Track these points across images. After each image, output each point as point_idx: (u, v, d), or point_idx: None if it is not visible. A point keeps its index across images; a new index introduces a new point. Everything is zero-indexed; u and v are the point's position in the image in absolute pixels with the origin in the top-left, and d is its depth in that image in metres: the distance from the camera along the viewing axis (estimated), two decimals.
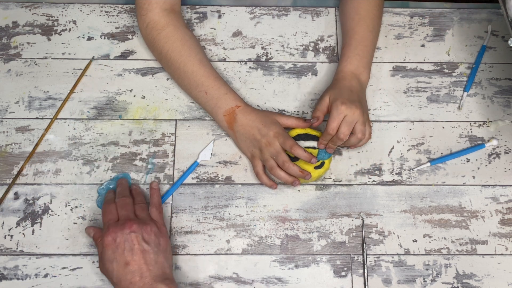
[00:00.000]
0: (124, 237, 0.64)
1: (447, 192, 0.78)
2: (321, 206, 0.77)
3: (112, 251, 0.64)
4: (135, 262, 0.63)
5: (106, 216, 0.68)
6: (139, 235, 0.65)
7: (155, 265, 0.64)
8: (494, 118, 0.82)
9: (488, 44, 0.87)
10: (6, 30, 0.85)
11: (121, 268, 0.63)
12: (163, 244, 0.67)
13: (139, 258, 0.63)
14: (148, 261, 0.64)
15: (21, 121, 0.80)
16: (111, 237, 0.64)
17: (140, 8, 0.78)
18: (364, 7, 0.80)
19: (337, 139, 0.72)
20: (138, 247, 0.64)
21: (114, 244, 0.64)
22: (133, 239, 0.64)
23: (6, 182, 0.76)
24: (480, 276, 0.73)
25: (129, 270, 0.63)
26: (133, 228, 0.65)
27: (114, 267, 0.63)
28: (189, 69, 0.77)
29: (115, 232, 0.65)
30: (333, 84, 0.77)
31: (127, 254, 0.63)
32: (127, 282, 0.62)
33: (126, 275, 0.63)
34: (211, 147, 0.79)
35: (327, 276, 0.73)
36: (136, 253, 0.63)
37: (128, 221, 0.66)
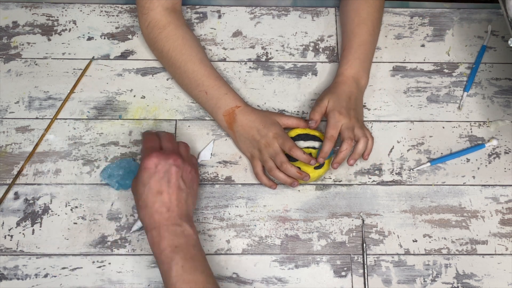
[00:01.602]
0: (166, 167, 0.64)
1: (447, 192, 0.78)
2: (321, 206, 0.77)
3: (149, 175, 0.64)
4: (168, 195, 0.63)
5: (148, 143, 0.67)
6: (180, 171, 0.65)
7: (184, 203, 0.65)
8: (494, 118, 0.82)
9: (488, 44, 0.87)
10: (6, 30, 0.85)
11: (152, 195, 0.63)
12: (195, 189, 0.68)
13: (172, 192, 0.64)
14: (180, 198, 0.64)
15: (21, 121, 0.80)
16: (153, 162, 0.64)
17: (142, 7, 0.78)
18: (365, 9, 0.80)
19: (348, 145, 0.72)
20: (175, 181, 0.64)
21: (154, 169, 0.64)
22: (174, 172, 0.64)
23: (6, 182, 0.76)
24: (480, 276, 0.73)
25: (159, 199, 0.63)
26: (177, 162, 0.65)
27: (145, 191, 0.63)
28: (189, 69, 0.77)
29: (159, 158, 0.64)
30: (333, 88, 0.77)
31: (163, 183, 0.63)
32: (153, 209, 0.63)
33: (154, 203, 0.63)
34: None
35: (327, 276, 0.73)
36: (171, 186, 0.64)
37: (173, 153, 0.66)
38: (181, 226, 0.63)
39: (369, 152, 0.75)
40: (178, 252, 0.61)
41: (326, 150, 0.72)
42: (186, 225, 0.63)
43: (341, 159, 0.73)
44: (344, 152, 0.73)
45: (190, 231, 0.63)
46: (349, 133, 0.73)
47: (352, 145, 0.73)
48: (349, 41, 0.79)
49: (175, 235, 0.62)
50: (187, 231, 0.63)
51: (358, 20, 0.80)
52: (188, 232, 0.63)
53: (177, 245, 0.62)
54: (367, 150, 0.74)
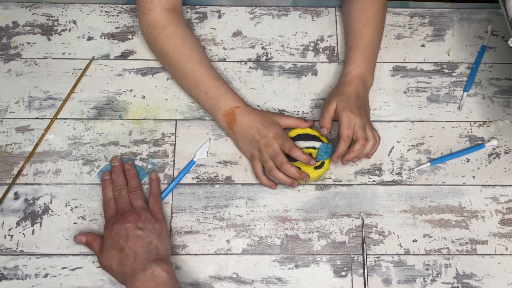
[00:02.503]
0: (120, 227, 0.68)
1: (447, 192, 0.78)
2: (321, 206, 0.77)
3: (110, 241, 0.68)
4: (129, 247, 0.66)
5: (106, 213, 0.72)
6: (133, 224, 0.68)
7: (148, 247, 0.67)
8: (494, 118, 0.82)
9: (488, 44, 0.87)
10: (6, 30, 0.85)
11: (117, 254, 0.66)
12: (158, 228, 0.70)
13: (133, 243, 0.66)
14: (142, 244, 0.67)
15: (21, 121, 0.80)
16: (109, 230, 0.69)
17: (142, 7, 0.78)
18: (371, 9, 0.80)
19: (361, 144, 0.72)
20: (131, 234, 0.67)
21: (111, 234, 0.68)
22: (128, 227, 0.68)
23: (6, 182, 0.76)
24: (480, 276, 0.73)
25: (124, 255, 0.66)
26: (128, 219, 0.69)
27: (112, 254, 0.67)
28: (189, 69, 0.77)
29: (112, 225, 0.69)
30: (340, 88, 0.77)
31: (122, 241, 0.67)
32: (123, 266, 0.65)
33: (122, 260, 0.66)
34: (207, 145, 0.79)
35: (327, 276, 0.73)
36: (130, 239, 0.67)
37: (124, 213, 0.70)
38: (149, 269, 0.64)
39: (374, 152, 0.76)
40: None
41: (341, 151, 0.73)
42: (153, 266, 0.64)
43: (352, 157, 0.73)
44: (356, 152, 0.73)
45: (158, 270, 0.64)
46: (363, 133, 0.73)
47: (365, 146, 0.73)
48: (356, 40, 0.79)
49: (144, 281, 0.63)
50: (155, 271, 0.64)
51: (365, 19, 0.79)
52: (156, 272, 0.64)
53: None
54: (372, 150, 0.75)
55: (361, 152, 0.74)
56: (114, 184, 0.75)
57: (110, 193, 0.74)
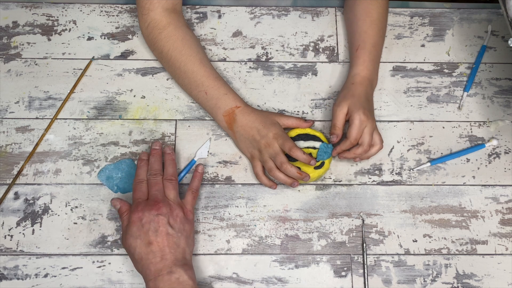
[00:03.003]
0: (151, 218, 0.65)
1: (447, 192, 0.78)
2: (321, 206, 0.77)
3: (137, 228, 0.65)
4: (158, 244, 0.64)
5: (136, 194, 0.69)
6: (165, 218, 0.66)
7: (177, 248, 0.65)
8: (494, 118, 0.82)
9: (488, 44, 0.87)
10: (6, 30, 0.85)
11: (144, 247, 0.64)
12: (187, 230, 0.68)
13: (162, 240, 0.64)
14: (171, 244, 0.65)
15: (21, 121, 0.80)
16: (138, 216, 0.66)
17: (142, 8, 0.78)
18: (376, 9, 0.80)
19: (364, 150, 0.73)
20: (162, 229, 0.65)
21: (140, 222, 0.65)
22: (159, 221, 0.65)
23: (6, 182, 0.76)
24: (480, 276, 0.73)
25: (151, 250, 0.64)
26: (161, 210, 0.66)
27: (137, 244, 0.64)
28: (189, 69, 0.77)
29: (143, 211, 0.66)
30: (350, 90, 0.76)
31: (151, 234, 0.64)
32: (147, 261, 0.64)
33: (147, 254, 0.64)
34: (208, 145, 0.79)
35: (327, 276, 0.73)
36: (160, 235, 0.64)
37: (157, 202, 0.67)
38: (176, 273, 0.63)
39: (371, 156, 0.77)
40: None
41: (343, 148, 0.74)
42: (180, 271, 0.63)
43: (351, 157, 0.75)
44: (356, 154, 0.74)
45: (185, 277, 0.63)
46: (369, 138, 0.73)
47: (367, 151, 0.74)
48: (362, 41, 0.79)
49: (169, 284, 0.62)
50: (182, 277, 0.63)
51: (370, 20, 0.79)
52: (182, 278, 0.63)
53: None
54: (374, 154, 0.76)
55: (362, 155, 0.75)
56: (151, 167, 0.72)
57: (145, 174, 0.71)
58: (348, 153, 0.75)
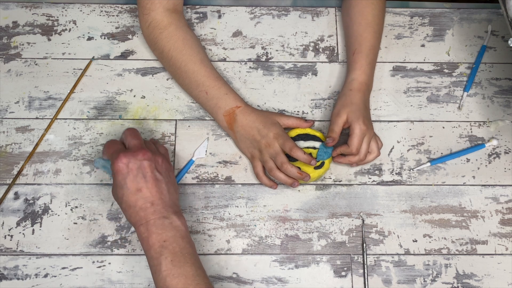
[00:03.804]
0: (138, 164, 0.63)
1: (447, 192, 0.78)
2: (321, 206, 0.77)
3: (123, 176, 0.62)
4: (148, 189, 0.62)
5: (111, 148, 0.66)
6: (152, 164, 0.63)
7: (167, 194, 0.63)
8: (494, 118, 0.82)
9: (488, 44, 0.87)
10: (6, 30, 0.85)
11: (132, 194, 0.62)
12: (172, 177, 0.67)
13: (151, 186, 0.62)
14: (160, 190, 0.63)
15: (21, 121, 0.80)
16: (123, 163, 0.62)
17: (143, 8, 0.78)
18: (370, 11, 0.80)
19: (359, 159, 0.74)
20: (151, 174, 0.63)
21: (126, 169, 0.62)
22: (147, 166, 0.63)
23: (6, 182, 0.76)
24: (480, 276, 0.73)
25: (141, 196, 0.62)
26: (147, 155, 0.63)
27: (124, 192, 0.62)
28: (190, 69, 0.77)
29: (127, 157, 0.63)
30: (349, 96, 0.76)
31: (139, 180, 0.62)
32: (137, 208, 0.62)
33: (137, 201, 0.62)
34: (206, 144, 0.79)
35: (327, 276, 0.73)
36: (148, 180, 0.62)
37: (141, 149, 0.64)
38: (168, 218, 0.62)
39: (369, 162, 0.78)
40: (167, 247, 0.60)
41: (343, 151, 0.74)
42: (173, 216, 0.62)
43: (345, 162, 0.76)
44: (352, 162, 0.75)
45: (178, 222, 0.62)
46: (367, 147, 0.74)
47: (363, 160, 0.75)
48: (359, 45, 0.78)
49: (162, 229, 0.61)
50: (174, 222, 0.62)
51: (365, 23, 0.79)
52: (176, 223, 0.62)
53: (166, 239, 0.60)
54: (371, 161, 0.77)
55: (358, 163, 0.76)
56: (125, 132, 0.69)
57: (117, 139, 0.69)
58: (343, 159, 0.75)
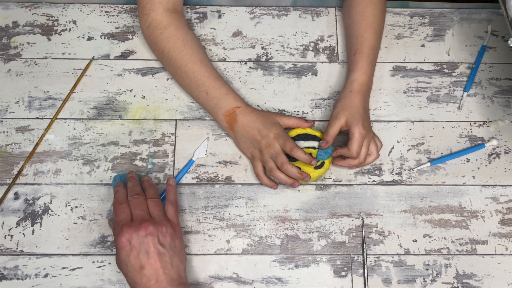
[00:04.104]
0: (140, 240, 0.62)
1: (447, 192, 0.78)
2: (321, 206, 0.77)
3: (127, 253, 0.62)
4: (151, 266, 0.61)
5: (119, 216, 0.65)
6: (155, 238, 0.62)
7: (171, 268, 0.62)
8: (494, 118, 0.82)
9: (488, 44, 0.87)
10: (6, 30, 0.85)
11: (136, 272, 0.61)
12: (178, 245, 0.65)
13: (154, 262, 0.61)
14: (164, 265, 0.62)
15: (21, 121, 0.80)
16: (126, 239, 0.62)
17: (143, 8, 0.78)
18: (371, 12, 0.79)
19: (359, 162, 0.74)
20: (153, 250, 0.62)
21: (129, 246, 0.62)
22: (149, 241, 0.62)
23: (6, 182, 0.76)
24: (480, 276, 0.73)
25: (144, 274, 0.61)
26: (148, 230, 0.62)
27: (129, 269, 0.62)
28: (190, 69, 0.77)
29: (130, 233, 0.62)
30: (348, 99, 0.75)
31: (142, 257, 0.61)
32: (142, 285, 0.61)
33: (141, 279, 0.61)
34: (206, 144, 0.79)
35: (327, 276, 0.73)
36: (151, 257, 0.62)
37: (143, 222, 0.63)
38: None
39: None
40: None
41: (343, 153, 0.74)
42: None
43: (344, 165, 0.76)
44: (351, 165, 0.75)
45: None
46: (366, 150, 0.74)
47: (363, 162, 0.75)
48: (360, 45, 0.78)
49: None
50: None
51: (366, 23, 0.79)
52: None
53: None
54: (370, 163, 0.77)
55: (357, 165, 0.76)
56: (131, 190, 0.69)
57: (125, 197, 0.68)
58: (343, 162, 0.75)
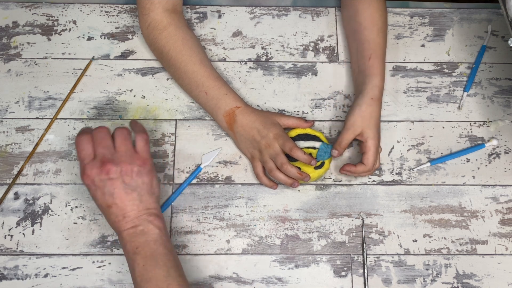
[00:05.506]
0: (103, 182, 0.62)
1: (447, 192, 0.78)
2: (321, 206, 0.77)
3: (93, 192, 0.63)
4: (117, 206, 0.62)
5: (80, 153, 0.63)
6: (119, 179, 0.62)
7: (139, 204, 0.63)
8: (494, 118, 0.82)
9: (488, 44, 0.87)
10: (6, 30, 0.85)
11: (104, 209, 0.63)
12: (147, 181, 0.64)
13: (120, 201, 0.62)
14: (131, 202, 0.63)
15: (21, 121, 0.80)
16: (89, 179, 0.62)
17: (142, 8, 0.78)
18: (380, 17, 0.79)
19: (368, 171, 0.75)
20: (118, 191, 0.62)
21: (93, 185, 0.62)
22: (113, 183, 0.62)
23: (6, 182, 0.76)
24: (480, 276, 0.73)
25: (112, 212, 0.63)
26: (111, 172, 0.62)
27: (99, 204, 0.64)
28: (189, 69, 0.77)
29: (92, 174, 0.62)
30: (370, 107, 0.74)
31: (108, 198, 0.62)
32: (110, 221, 0.64)
33: (110, 215, 0.63)
34: (215, 154, 0.78)
35: (327, 276, 0.73)
36: (117, 197, 0.62)
37: (105, 163, 0.62)
38: (140, 225, 0.63)
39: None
40: (139, 253, 0.62)
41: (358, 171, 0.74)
42: (145, 222, 0.63)
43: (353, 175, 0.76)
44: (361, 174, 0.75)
45: (150, 226, 0.63)
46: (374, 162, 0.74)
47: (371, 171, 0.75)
48: (374, 50, 0.77)
49: (134, 237, 0.62)
50: (146, 227, 0.63)
51: (377, 28, 0.78)
52: (147, 228, 0.63)
53: (138, 246, 0.62)
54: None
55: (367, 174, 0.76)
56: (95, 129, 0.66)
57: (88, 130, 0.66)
58: (351, 172, 0.75)
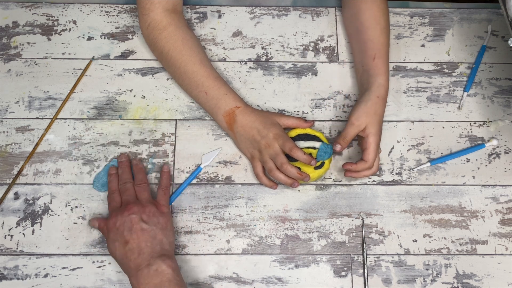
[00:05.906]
0: (124, 219, 0.68)
1: (447, 192, 0.78)
2: (321, 206, 0.77)
3: (114, 233, 0.68)
4: (134, 241, 0.66)
5: (111, 205, 0.72)
6: (137, 216, 0.68)
7: (153, 241, 0.67)
8: (494, 118, 0.82)
9: (488, 44, 0.87)
10: (6, 30, 0.85)
11: (122, 247, 0.66)
12: (162, 222, 0.69)
13: (137, 236, 0.66)
14: (146, 238, 0.67)
15: (21, 121, 0.80)
16: (113, 221, 0.68)
17: (142, 8, 0.78)
18: (382, 16, 0.79)
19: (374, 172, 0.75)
20: (136, 226, 0.67)
21: (115, 226, 0.68)
22: (132, 220, 0.67)
23: (6, 182, 0.76)
24: (480, 276, 0.73)
25: (129, 248, 0.66)
26: (132, 210, 0.68)
27: (116, 246, 0.67)
28: (189, 69, 0.77)
29: (116, 216, 0.69)
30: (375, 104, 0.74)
31: (126, 234, 0.67)
32: (127, 259, 0.66)
33: (126, 253, 0.66)
34: (215, 154, 0.78)
35: (327, 276, 0.73)
36: (134, 232, 0.67)
37: (128, 205, 0.69)
38: (154, 265, 0.64)
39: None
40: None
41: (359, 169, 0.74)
42: (158, 262, 0.65)
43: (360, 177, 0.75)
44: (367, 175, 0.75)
45: (163, 267, 0.64)
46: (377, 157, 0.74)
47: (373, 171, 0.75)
48: (378, 50, 0.77)
49: (148, 277, 0.64)
50: (160, 268, 0.64)
51: (380, 28, 0.78)
52: (161, 269, 0.64)
53: (152, 286, 0.63)
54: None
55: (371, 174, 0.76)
56: (120, 178, 0.75)
57: (116, 185, 0.74)
58: (355, 174, 0.75)
